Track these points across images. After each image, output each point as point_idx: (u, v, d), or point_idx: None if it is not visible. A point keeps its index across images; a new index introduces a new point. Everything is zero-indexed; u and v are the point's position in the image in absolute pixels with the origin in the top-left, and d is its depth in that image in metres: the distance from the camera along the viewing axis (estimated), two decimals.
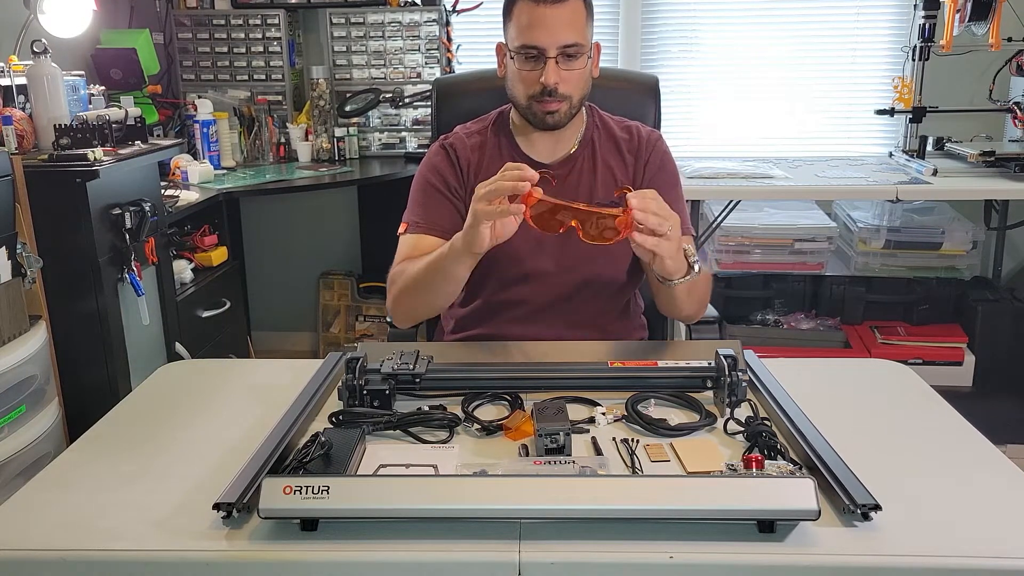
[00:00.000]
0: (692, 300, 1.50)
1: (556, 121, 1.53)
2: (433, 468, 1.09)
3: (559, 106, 1.50)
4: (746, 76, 3.49)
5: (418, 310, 1.55)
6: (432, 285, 1.46)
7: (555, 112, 1.51)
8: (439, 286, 1.45)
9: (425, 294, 1.48)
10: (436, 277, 1.44)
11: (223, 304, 2.83)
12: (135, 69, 3.05)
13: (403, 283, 1.50)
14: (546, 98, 1.49)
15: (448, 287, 1.46)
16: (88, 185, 2.08)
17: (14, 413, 1.93)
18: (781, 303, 3.13)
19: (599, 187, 1.59)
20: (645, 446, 1.14)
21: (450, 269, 1.40)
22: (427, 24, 3.29)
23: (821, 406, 1.21)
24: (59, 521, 0.99)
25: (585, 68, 1.50)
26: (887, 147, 3.36)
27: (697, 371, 1.29)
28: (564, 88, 1.48)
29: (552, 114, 1.51)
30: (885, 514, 0.94)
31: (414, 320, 1.59)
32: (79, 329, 2.17)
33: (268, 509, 0.92)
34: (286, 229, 3.74)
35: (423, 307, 1.54)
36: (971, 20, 2.84)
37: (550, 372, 1.32)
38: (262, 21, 3.33)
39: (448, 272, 1.41)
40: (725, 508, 0.91)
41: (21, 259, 1.99)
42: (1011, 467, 1.09)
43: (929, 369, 2.85)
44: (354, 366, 1.24)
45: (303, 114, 3.42)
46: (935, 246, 3.00)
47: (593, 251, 1.58)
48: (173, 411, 1.32)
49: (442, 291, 1.47)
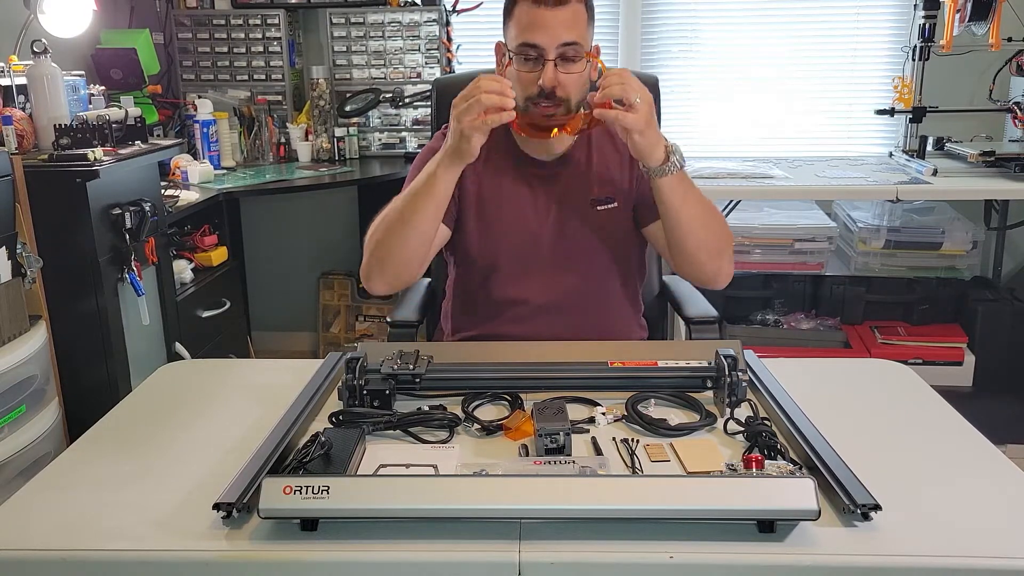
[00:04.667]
0: (706, 232, 1.46)
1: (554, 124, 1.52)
2: (433, 468, 1.09)
3: (557, 110, 1.50)
4: (746, 76, 3.49)
5: (395, 249, 1.47)
6: (416, 208, 1.43)
7: (553, 115, 1.50)
8: (423, 206, 1.43)
9: (409, 220, 1.44)
10: (420, 200, 1.43)
11: (223, 304, 2.83)
12: (135, 69, 3.05)
13: (383, 217, 1.48)
14: (543, 101, 1.48)
15: (431, 207, 1.43)
16: (88, 185, 2.08)
17: (14, 413, 1.93)
18: (781, 303, 3.13)
19: (593, 184, 1.59)
20: (645, 446, 1.14)
21: (439, 181, 1.41)
22: (427, 24, 3.29)
23: (821, 406, 1.21)
24: (59, 521, 0.99)
25: (584, 72, 1.50)
26: (887, 147, 3.36)
27: (697, 371, 1.29)
28: (562, 91, 1.46)
29: (550, 117, 1.50)
30: (885, 514, 0.94)
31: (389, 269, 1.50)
32: (79, 329, 2.17)
33: (268, 509, 0.92)
34: (286, 229, 3.74)
35: (402, 243, 1.47)
36: (971, 20, 2.84)
37: (550, 372, 1.32)
38: (262, 21, 3.33)
39: (436, 185, 1.41)
40: (725, 508, 0.91)
41: (21, 259, 1.99)
42: (1011, 467, 1.09)
43: (929, 369, 2.85)
44: (354, 366, 1.24)
45: (303, 114, 3.42)
46: (935, 246, 3.00)
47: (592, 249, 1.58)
48: (173, 411, 1.32)
49: (425, 214, 1.44)
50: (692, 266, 1.53)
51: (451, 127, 1.37)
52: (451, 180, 1.43)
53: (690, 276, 1.58)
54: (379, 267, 1.50)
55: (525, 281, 1.59)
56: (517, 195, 1.60)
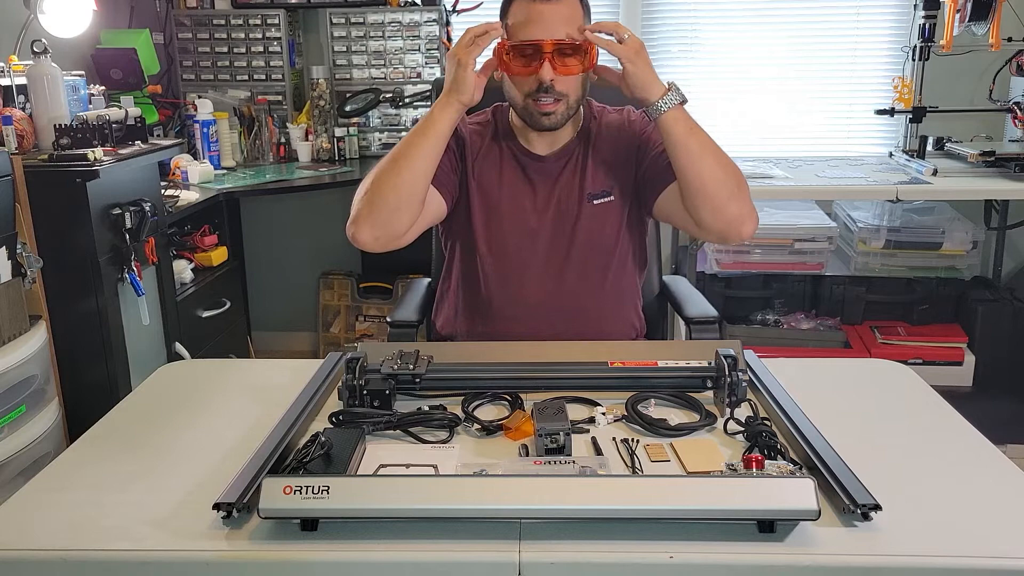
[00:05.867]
0: (721, 168, 1.44)
1: (553, 123, 1.53)
2: (433, 468, 1.09)
3: (555, 107, 1.50)
4: (746, 76, 3.49)
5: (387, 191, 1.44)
6: (412, 145, 1.45)
7: (552, 114, 1.51)
8: (419, 143, 1.44)
9: (405, 156, 1.44)
10: (417, 137, 1.45)
11: (223, 304, 2.83)
12: (135, 69, 3.05)
13: (381, 164, 1.47)
14: (542, 96, 1.48)
15: (427, 144, 1.44)
16: (88, 185, 2.08)
17: (14, 413, 1.93)
18: (781, 303, 3.14)
19: (589, 178, 1.59)
20: (645, 446, 1.14)
21: (436, 118, 1.44)
22: (427, 24, 3.29)
23: (821, 406, 1.21)
24: (59, 521, 0.99)
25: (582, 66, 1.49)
26: (887, 147, 3.36)
27: (697, 371, 1.29)
28: (560, 86, 1.48)
29: (549, 115, 1.51)
30: (885, 514, 0.94)
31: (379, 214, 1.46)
32: (79, 329, 2.17)
33: (268, 509, 0.92)
34: (286, 229, 3.74)
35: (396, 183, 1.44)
36: (971, 20, 2.84)
37: (550, 372, 1.32)
38: (262, 21, 3.33)
39: (433, 124, 1.44)
40: (725, 508, 0.91)
41: (21, 259, 1.99)
42: (1011, 467, 1.09)
43: (929, 369, 2.84)
44: (354, 366, 1.24)
45: (303, 114, 3.42)
46: (935, 246, 3.00)
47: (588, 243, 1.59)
48: (173, 411, 1.32)
49: (421, 151, 1.44)
50: (713, 211, 1.44)
51: (447, 67, 1.44)
52: (448, 120, 1.45)
53: (714, 226, 1.47)
54: (368, 211, 1.46)
55: (523, 273, 1.59)
56: (516, 189, 1.60)
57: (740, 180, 1.47)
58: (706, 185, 1.43)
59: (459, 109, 1.45)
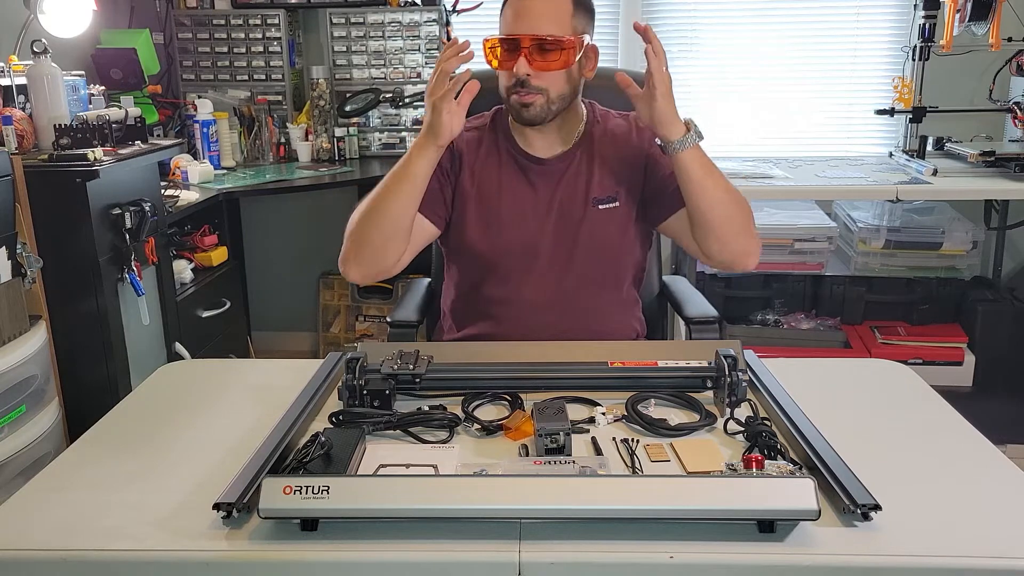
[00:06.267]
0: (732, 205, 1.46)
1: (532, 115, 1.52)
2: (433, 468, 1.09)
3: (534, 99, 1.50)
4: (746, 76, 3.49)
5: (370, 234, 1.48)
6: (390, 191, 1.45)
7: (530, 105, 1.50)
8: (397, 189, 1.45)
9: (383, 202, 1.46)
10: (395, 182, 1.45)
11: (223, 304, 2.83)
12: (135, 69, 3.05)
13: (364, 204, 1.49)
14: (519, 89, 1.49)
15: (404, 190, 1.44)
16: (88, 185, 2.08)
17: (14, 413, 1.93)
18: (781, 303, 3.13)
19: (595, 183, 1.59)
20: (645, 446, 1.14)
21: (413, 162, 1.43)
22: (427, 24, 3.29)
23: (821, 406, 1.21)
24: (59, 521, 0.99)
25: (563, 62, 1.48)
26: (887, 147, 3.36)
27: (697, 371, 1.29)
28: (538, 81, 1.48)
29: (527, 107, 1.51)
30: (885, 514, 0.94)
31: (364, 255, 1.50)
32: (79, 329, 2.17)
33: (268, 509, 0.92)
34: (286, 229, 3.74)
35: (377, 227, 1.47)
36: (971, 20, 2.84)
37: (550, 372, 1.32)
38: (262, 21, 3.33)
39: (410, 167, 1.43)
40: (725, 508, 0.91)
41: (21, 259, 1.99)
42: (1011, 467, 1.09)
43: (929, 369, 2.85)
44: (354, 366, 1.24)
45: (303, 114, 3.42)
46: (935, 246, 3.00)
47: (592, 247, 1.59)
48: (173, 411, 1.32)
49: (399, 197, 1.45)
50: (721, 244, 1.49)
51: (428, 103, 1.41)
52: (426, 162, 1.44)
53: (720, 257, 1.52)
54: (354, 251, 1.51)
55: (524, 278, 1.59)
56: (517, 192, 1.60)
57: (748, 215, 1.51)
58: (717, 220, 1.47)
59: (437, 151, 1.44)
